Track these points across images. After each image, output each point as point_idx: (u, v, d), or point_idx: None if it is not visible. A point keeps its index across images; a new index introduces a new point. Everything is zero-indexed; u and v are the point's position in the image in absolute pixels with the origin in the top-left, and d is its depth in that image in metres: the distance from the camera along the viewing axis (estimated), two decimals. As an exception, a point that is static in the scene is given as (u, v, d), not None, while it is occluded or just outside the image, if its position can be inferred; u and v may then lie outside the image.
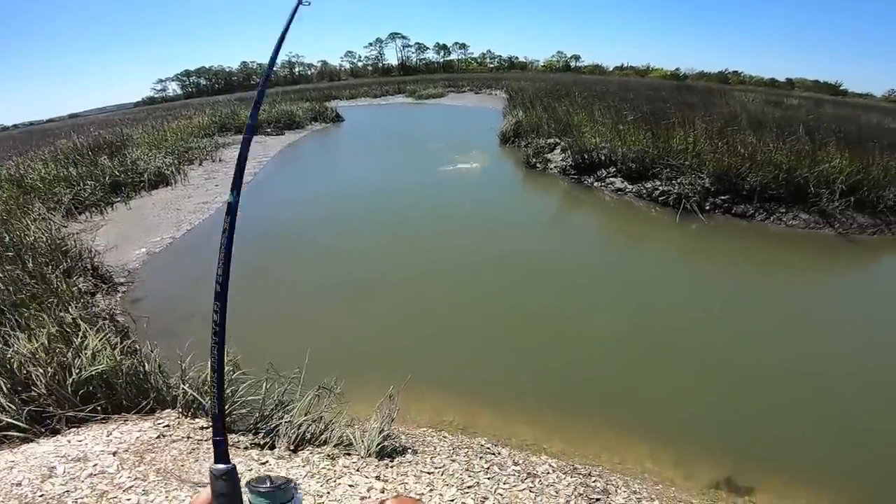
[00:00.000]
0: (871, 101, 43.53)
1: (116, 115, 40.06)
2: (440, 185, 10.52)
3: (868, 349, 4.42)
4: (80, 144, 13.47)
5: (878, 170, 7.47)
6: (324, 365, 3.41)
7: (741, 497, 2.91)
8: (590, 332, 4.76)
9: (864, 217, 7.17)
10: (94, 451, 2.51)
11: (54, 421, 2.78)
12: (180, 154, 12.96)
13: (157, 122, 19.98)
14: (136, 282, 6.02)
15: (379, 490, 2.44)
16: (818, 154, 7.77)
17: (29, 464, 2.35)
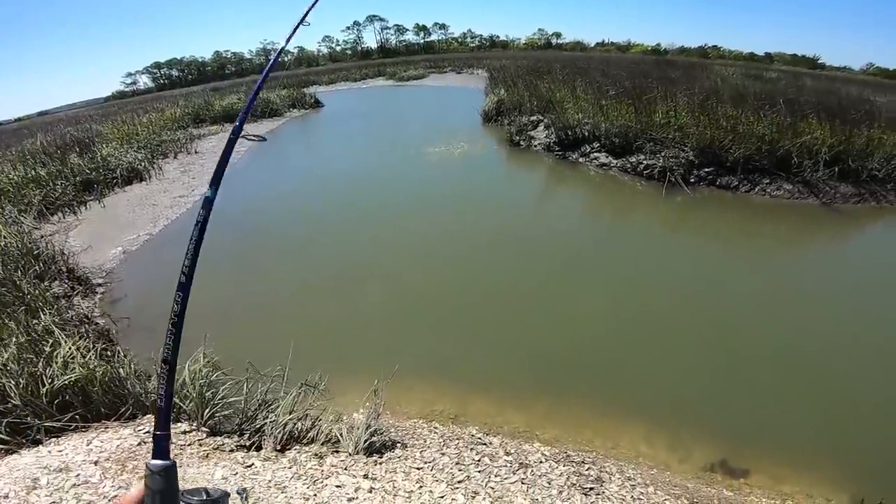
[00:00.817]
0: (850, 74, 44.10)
1: (86, 110, 38.78)
2: (423, 166, 10.36)
3: (858, 320, 4.44)
4: (47, 143, 12.98)
5: (861, 140, 7.53)
6: (308, 359, 3.32)
7: (736, 479, 2.91)
8: (579, 311, 4.71)
9: (848, 186, 7.25)
10: (76, 460, 2.45)
11: (34, 432, 2.71)
12: (153, 148, 12.64)
13: (127, 116, 19.34)
14: (114, 282, 5.84)
15: (367, 490, 2.39)
16: (800, 126, 7.83)
17: (13, 476, 2.29)
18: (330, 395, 3.18)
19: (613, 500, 2.51)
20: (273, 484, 2.42)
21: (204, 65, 74.78)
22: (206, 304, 5.20)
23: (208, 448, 2.70)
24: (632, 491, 2.61)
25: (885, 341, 4.10)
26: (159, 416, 0.67)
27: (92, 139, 13.36)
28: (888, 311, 4.59)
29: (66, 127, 18.18)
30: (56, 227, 7.99)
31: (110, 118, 19.87)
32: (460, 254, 6.02)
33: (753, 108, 8.59)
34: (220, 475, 2.46)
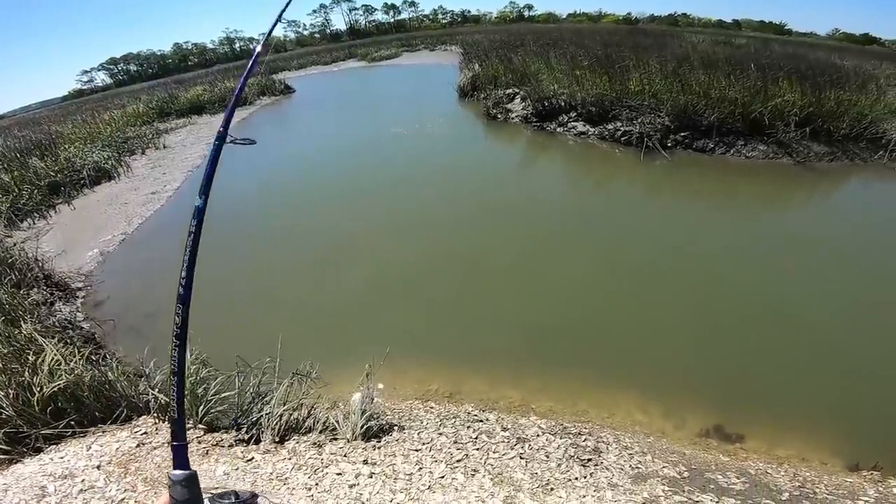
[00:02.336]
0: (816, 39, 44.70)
1: (42, 112, 37.09)
2: (400, 144, 10.24)
3: (841, 274, 4.53)
4: (5, 149, 12.44)
5: (830, 102, 7.71)
6: (297, 348, 3.28)
7: (732, 444, 2.96)
8: (566, 280, 4.73)
9: (821, 146, 7.48)
10: (79, 466, 2.46)
11: (33, 440, 2.69)
12: (119, 146, 12.26)
13: (87, 115, 18.61)
14: (94, 285, 5.70)
15: (367, 475, 2.42)
16: (771, 90, 8.00)
17: (21, 485, 2.29)
18: (323, 382, 3.16)
19: (612, 469, 2.57)
20: (275, 476, 2.44)
21: (164, 58, 72.26)
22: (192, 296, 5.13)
23: (207, 445, 2.70)
24: (629, 460, 2.67)
25: (868, 294, 4.18)
26: (175, 427, 0.69)
27: (53, 141, 12.85)
28: (870, 265, 4.70)
29: (22, 130, 17.35)
30: (27, 233, 7.72)
31: (69, 118, 19.11)
32: (443, 229, 6.00)
33: (725, 74, 8.75)
34: (221, 471, 2.47)
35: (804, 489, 2.44)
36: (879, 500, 2.34)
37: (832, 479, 2.56)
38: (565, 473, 2.51)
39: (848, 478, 2.58)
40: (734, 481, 2.49)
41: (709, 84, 8.32)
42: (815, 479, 2.55)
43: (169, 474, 0.62)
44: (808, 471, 2.64)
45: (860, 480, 2.55)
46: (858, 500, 2.34)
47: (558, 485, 2.43)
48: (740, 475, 2.55)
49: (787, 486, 2.45)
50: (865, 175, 7.10)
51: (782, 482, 2.50)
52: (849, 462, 2.76)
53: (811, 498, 2.35)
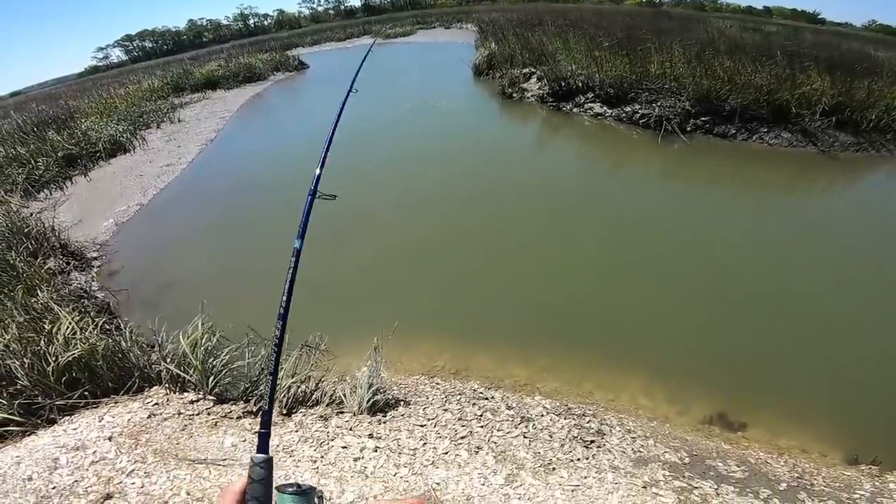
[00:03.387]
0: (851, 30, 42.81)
1: (60, 88, 37.32)
2: (413, 121, 10.18)
3: (859, 268, 4.40)
4: (22, 122, 12.64)
5: (862, 92, 7.46)
6: (307, 320, 3.28)
7: (734, 432, 2.94)
8: (578, 261, 4.69)
9: (847, 136, 7.24)
10: (91, 437, 2.50)
11: (47, 411, 2.73)
12: (135, 119, 12.41)
13: (103, 90, 18.72)
14: (108, 254, 5.81)
15: (372, 449, 2.46)
16: (799, 78, 7.76)
17: (34, 457, 2.34)
18: (331, 355, 3.19)
19: (614, 452, 2.58)
20: (281, 448, 2.49)
21: (179, 34, 72.25)
22: (199, 269, 5.22)
23: (216, 416, 2.75)
24: (632, 444, 2.68)
25: (883, 289, 4.07)
26: (263, 418, 0.81)
27: (70, 115, 13.04)
28: (888, 259, 4.56)
29: (40, 105, 17.55)
30: (43, 203, 7.86)
31: (85, 93, 19.24)
32: (455, 206, 5.97)
33: (751, 60, 8.47)
34: (230, 443, 2.52)
35: (802, 480, 2.43)
36: (875, 495, 2.32)
37: (830, 471, 2.55)
38: (568, 454, 2.53)
39: (846, 471, 2.57)
40: (734, 469, 2.49)
41: (734, 70, 8.07)
42: (813, 470, 2.54)
43: (252, 457, 0.71)
44: (808, 462, 2.63)
45: (858, 474, 2.53)
46: (854, 494, 2.33)
47: (560, 465, 2.45)
48: (740, 463, 2.55)
49: (785, 477, 2.45)
50: (892, 166, 6.86)
51: (781, 472, 2.49)
52: (848, 455, 2.74)
53: (808, 490, 2.34)
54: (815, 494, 2.30)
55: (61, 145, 9.72)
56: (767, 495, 2.28)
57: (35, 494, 2.09)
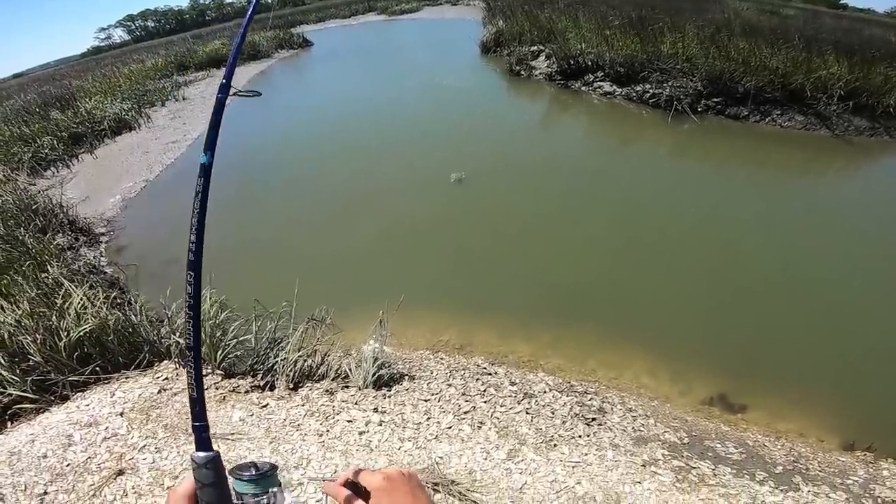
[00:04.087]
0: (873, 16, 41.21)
1: (62, 68, 36.99)
2: (420, 98, 10.10)
3: (869, 254, 4.33)
4: (26, 103, 12.68)
5: (879, 78, 7.35)
6: (313, 294, 3.32)
7: (734, 414, 2.97)
8: (584, 238, 4.68)
9: (862, 120, 7.17)
10: (103, 413, 2.54)
11: (60, 387, 2.77)
12: (139, 98, 12.47)
13: (106, 69, 18.63)
14: (116, 230, 5.88)
15: (377, 423, 2.50)
16: (815, 62, 7.63)
17: (48, 435, 2.38)
18: (337, 328, 3.21)
19: (615, 430, 2.61)
20: (288, 423, 2.53)
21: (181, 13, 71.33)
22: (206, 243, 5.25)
23: (224, 391, 2.80)
24: (633, 422, 2.71)
25: (891, 276, 4.03)
26: (193, 407, 0.65)
27: (73, 95, 13.06)
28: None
29: (43, 86, 17.51)
30: (50, 181, 7.92)
31: (89, 73, 19.17)
32: (462, 183, 5.95)
33: (768, 43, 8.29)
34: (237, 417, 2.57)
35: (798, 464, 2.45)
36: (868, 482, 2.34)
37: (826, 456, 2.57)
38: (569, 431, 2.57)
39: (841, 457, 2.59)
40: (732, 451, 2.52)
41: (749, 52, 7.93)
42: (809, 455, 2.57)
43: (192, 456, 0.60)
44: (805, 446, 2.66)
45: (852, 460, 2.55)
46: (848, 480, 2.35)
47: (562, 441, 2.49)
48: (739, 445, 2.58)
49: (781, 460, 2.47)
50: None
51: (778, 456, 2.52)
52: (845, 441, 2.76)
53: (803, 474, 2.37)
54: (810, 479, 2.33)
55: (66, 124, 9.76)
56: (763, 478, 2.31)
57: (50, 472, 2.14)
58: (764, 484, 2.26)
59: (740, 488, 2.22)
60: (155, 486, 2.10)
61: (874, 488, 2.29)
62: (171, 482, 2.12)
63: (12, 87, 24.61)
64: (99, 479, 2.11)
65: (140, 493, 2.06)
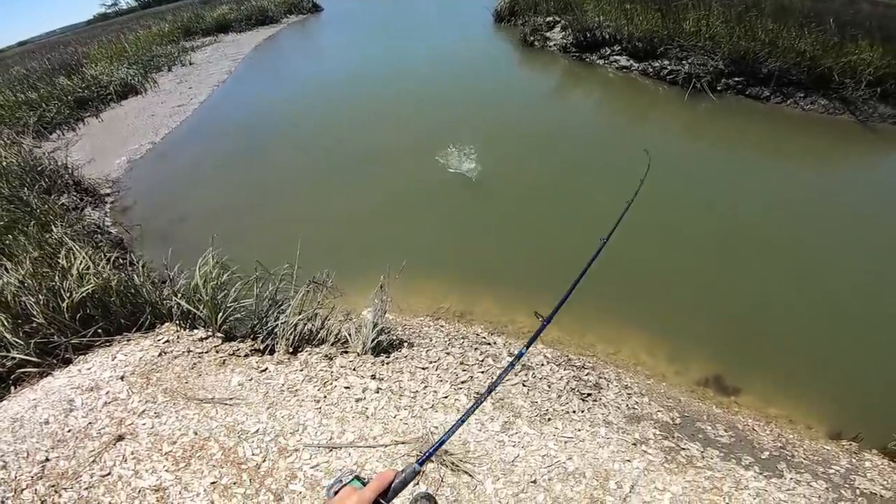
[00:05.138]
0: None
1: (68, 36, 36.50)
2: (434, 65, 9.91)
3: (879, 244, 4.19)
4: (31, 69, 12.64)
5: None
6: (315, 256, 3.28)
7: (727, 397, 2.96)
8: (591, 211, 4.60)
9: (888, 107, 6.93)
10: (104, 377, 2.55)
11: (62, 350, 2.78)
12: (145, 63, 12.45)
13: (113, 36, 18.47)
14: (122, 191, 5.90)
15: (374, 390, 2.51)
16: (847, 46, 7.31)
17: (50, 400, 2.39)
18: (338, 292, 3.20)
19: (609, 407, 2.62)
20: (286, 388, 2.55)
21: (190, -23, 69.54)
22: (210, 204, 5.28)
23: (224, 354, 2.81)
24: (627, 400, 2.71)
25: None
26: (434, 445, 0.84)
27: (79, 61, 13.04)
28: None
29: (48, 53, 17.35)
30: (56, 143, 7.94)
31: (95, 40, 18.98)
32: (470, 149, 5.85)
33: (798, 25, 7.93)
34: (236, 381, 2.58)
35: (784, 451, 2.45)
36: (849, 472, 2.34)
37: (812, 444, 2.57)
38: (564, 405, 2.57)
39: (827, 445, 2.58)
40: (722, 434, 2.52)
41: (777, 33, 7.65)
42: (796, 441, 2.56)
43: (412, 464, 0.76)
44: (793, 433, 2.65)
45: (837, 449, 2.54)
46: (830, 469, 2.35)
47: (556, 416, 2.49)
48: (729, 428, 2.58)
49: (769, 446, 2.47)
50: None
51: (766, 441, 2.52)
52: (832, 430, 2.75)
53: (788, 460, 2.37)
54: (794, 466, 2.33)
55: (71, 89, 9.78)
56: (749, 462, 2.31)
57: (51, 438, 2.15)
58: (749, 469, 2.27)
59: (726, 472, 2.23)
60: (153, 452, 2.12)
61: (854, 479, 2.29)
62: (170, 448, 2.14)
63: (16, 56, 24.41)
64: (99, 444, 2.14)
65: (139, 458, 2.09)
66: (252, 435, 2.22)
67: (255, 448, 2.16)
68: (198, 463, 2.08)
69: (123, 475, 2.01)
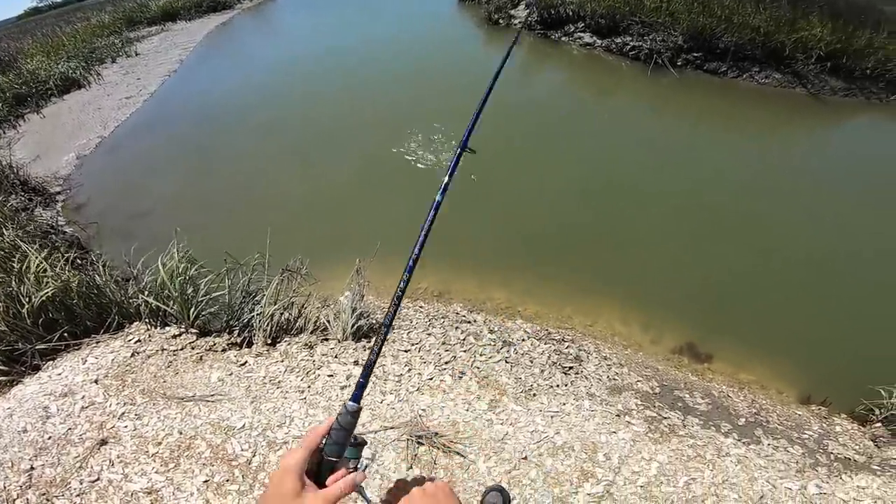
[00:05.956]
0: None
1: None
2: (393, 45, 9.76)
3: (833, 211, 4.41)
4: None
5: (861, 42, 7.38)
6: (287, 244, 3.19)
7: (700, 364, 3.08)
8: (558, 187, 4.68)
9: (838, 81, 7.27)
10: (77, 382, 2.46)
11: (29, 357, 2.66)
12: (86, 56, 11.81)
13: (48, 30, 17.41)
14: (73, 188, 5.58)
15: (357, 376, 2.48)
16: (799, 23, 7.61)
17: (24, 408, 2.30)
18: (313, 279, 3.11)
19: (591, 379, 2.68)
20: (268, 380, 2.50)
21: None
22: (170, 196, 5.08)
23: (201, 350, 2.73)
24: (608, 371, 2.79)
25: (853, 231, 4.13)
26: (365, 368, 0.79)
27: (12, 56, 12.31)
28: (862, 203, 4.55)
29: None
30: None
31: (28, 34, 17.76)
32: (434, 127, 5.81)
33: (753, 1, 8.21)
34: (216, 377, 2.52)
35: (759, 416, 2.57)
36: (822, 437, 2.47)
37: (784, 409, 2.70)
38: (548, 380, 2.62)
39: (798, 410, 2.72)
40: (699, 401, 2.63)
41: (733, 9, 7.90)
42: (769, 407, 2.69)
43: (345, 403, 0.71)
44: (765, 398, 2.78)
45: (808, 414, 2.68)
46: (804, 434, 2.47)
47: (541, 391, 2.54)
48: (705, 396, 2.69)
49: (744, 412, 2.59)
50: (878, 113, 6.88)
51: (741, 407, 2.63)
52: (801, 394, 2.88)
53: (764, 427, 2.49)
54: (770, 432, 2.45)
55: (8, 86, 9.25)
56: (728, 429, 2.42)
57: (33, 446, 2.08)
58: (728, 436, 2.36)
59: (707, 440, 2.32)
60: (140, 454, 2.07)
61: (827, 444, 2.40)
62: (156, 449, 2.09)
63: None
64: (83, 450, 2.07)
65: (126, 461, 2.03)
66: (239, 430, 2.18)
67: (243, 443, 2.12)
68: (187, 462, 2.04)
69: (113, 480, 1.96)
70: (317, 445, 0.67)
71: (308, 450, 0.65)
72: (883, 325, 3.23)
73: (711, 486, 2.06)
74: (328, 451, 0.68)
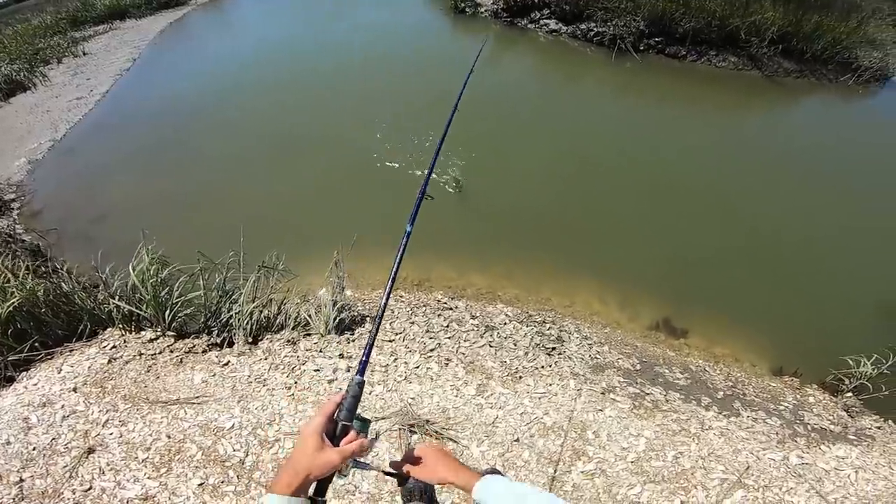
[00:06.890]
0: None
1: None
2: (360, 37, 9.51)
3: (792, 186, 4.65)
4: None
5: (810, 25, 7.74)
6: (261, 241, 3.07)
7: (677, 339, 3.20)
8: (529, 170, 4.77)
9: (791, 63, 7.62)
10: (54, 391, 2.39)
11: (2, 369, 2.57)
12: (29, 57, 11.11)
13: None
14: (27, 195, 5.28)
15: (344, 370, 2.49)
16: (752, 6, 7.91)
17: (4, 420, 2.23)
18: (291, 274, 3.06)
19: (574, 359, 2.75)
20: (253, 379, 2.47)
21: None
22: (132, 197, 4.90)
23: (180, 353, 2.67)
24: (589, 350, 2.87)
25: (813, 205, 4.36)
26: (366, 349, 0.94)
27: None
28: (817, 177, 4.85)
29: None
30: (-64, 151, 6.89)
31: None
32: (404, 116, 5.79)
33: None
34: (199, 379, 2.47)
35: (736, 389, 2.70)
36: (797, 408, 2.60)
37: (759, 381, 2.83)
38: (532, 362, 2.68)
39: (772, 382, 2.86)
40: (679, 376, 2.74)
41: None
42: (745, 380, 2.82)
43: (353, 377, 0.85)
44: (740, 371, 2.92)
45: (782, 386, 2.83)
46: (780, 405, 2.61)
47: (526, 373, 2.60)
48: (684, 370, 2.80)
49: (721, 385, 2.71)
50: (829, 93, 7.29)
51: (718, 381, 2.76)
52: (774, 366, 3.02)
53: (742, 399, 2.61)
54: (748, 404, 2.56)
55: None
56: (708, 403, 2.52)
57: (19, 458, 2.02)
58: (709, 409, 2.46)
59: (689, 413, 2.41)
60: (129, 461, 2.02)
61: (803, 415, 2.53)
62: (146, 454, 2.05)
63: None
64: (70, 459, 2.02)
65: (116, 469, 1.99)
66: (228, 431, 2.16)
67: (234, 444, 2.10)
68: (179, 466, 2.01)
69: (106, 488, 1.92)
70: (332, 413, 0.79)
71: (325, 416, 0.78)
72: (844, 295, 3.43)
73: (699, 459, 2.15)
74: (342, 417, 0.80)
